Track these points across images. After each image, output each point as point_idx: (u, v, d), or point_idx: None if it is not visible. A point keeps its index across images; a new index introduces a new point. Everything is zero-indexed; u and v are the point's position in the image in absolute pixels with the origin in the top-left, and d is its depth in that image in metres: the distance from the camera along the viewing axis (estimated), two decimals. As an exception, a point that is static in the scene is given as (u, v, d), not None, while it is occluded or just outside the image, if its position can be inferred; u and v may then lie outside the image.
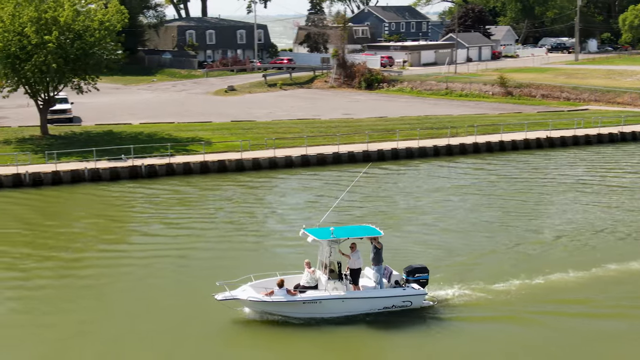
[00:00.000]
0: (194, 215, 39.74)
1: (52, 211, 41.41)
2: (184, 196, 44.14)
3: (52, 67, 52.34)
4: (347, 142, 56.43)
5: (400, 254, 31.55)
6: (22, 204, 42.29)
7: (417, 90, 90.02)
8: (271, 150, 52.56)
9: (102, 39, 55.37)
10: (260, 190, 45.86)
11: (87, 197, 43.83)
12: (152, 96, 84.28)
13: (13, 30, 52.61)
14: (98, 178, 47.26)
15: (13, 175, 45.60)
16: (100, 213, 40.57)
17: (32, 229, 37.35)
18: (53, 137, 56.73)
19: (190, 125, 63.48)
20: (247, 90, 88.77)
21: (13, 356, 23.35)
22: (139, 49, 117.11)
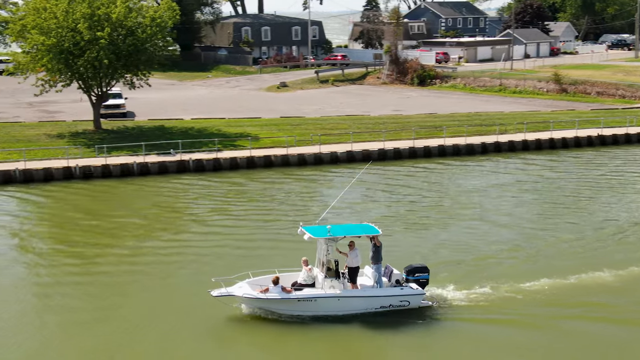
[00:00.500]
0: (240, 208, 40.33)
1: (98, 203, 42.40)
2: (231, 189, 44.83)
3: (104, 63, 53.53)
4: (393, 138, 56.45)
5: (413, 252, 31.79)
6: (72, 196, 43.48)
7: (470, 86, 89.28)
8: (317, 146, 52.91)
9: (153, 35, 56.40)
10: (307, 184, 46.22)
11: (133, 190, 44.83)
12: (206, 92, 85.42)
13: (67, 27, 53.95)
14: (147, 172, 48.23)
15: (64, 168, 46.85)
16: (143, 206, 41.47)
17: (77, 219, 38.46)
18: (106, 131, 58.05)
19: (240, 121, 64.22)
20: (299, 87, 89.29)
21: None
22: (195, 46, 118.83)
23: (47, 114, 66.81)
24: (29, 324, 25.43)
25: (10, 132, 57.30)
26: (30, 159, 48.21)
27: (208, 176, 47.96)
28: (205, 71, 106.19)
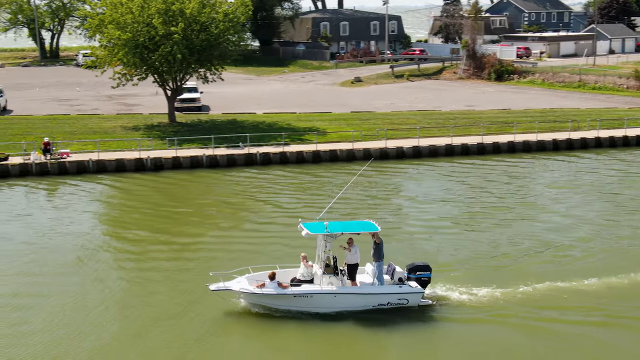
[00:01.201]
0: (304, 200, 40.96)
1: (169, 193, 43.67)
2: (294, 183, 45.48)
3: (177, 58, 54.89)
4: (462, 134, 56.11)
5: (434, 250, 32.03)
6: (143, 186, 44.94)
7: (549, 82, 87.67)
8: (383, 141, 53.08)
9: (225, 30, 57.53)
10: (369, 180, 46.47)
11: (200, 182, 45.97)
12: (281, 87, 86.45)
13: (142, 22, 55.54)
14: (215, 164, 49.33)
15: (136, 160, 48.35)
16: (208, 196, 42.59)
17: (148, 209, 39.81)
18: (179, 124, 59.55)
19: (310, 115, 64.86)
20: (373, 82, 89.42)
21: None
22: (274, 41, 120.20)
23: (125, 107, 68.91)
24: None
25: (88, 124, 59.41)
26: (103, 150, 49.97)
27: (274, 169, 48.75)
28: (283, 66, 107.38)
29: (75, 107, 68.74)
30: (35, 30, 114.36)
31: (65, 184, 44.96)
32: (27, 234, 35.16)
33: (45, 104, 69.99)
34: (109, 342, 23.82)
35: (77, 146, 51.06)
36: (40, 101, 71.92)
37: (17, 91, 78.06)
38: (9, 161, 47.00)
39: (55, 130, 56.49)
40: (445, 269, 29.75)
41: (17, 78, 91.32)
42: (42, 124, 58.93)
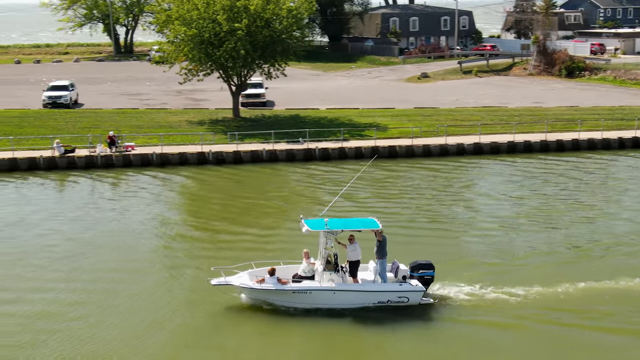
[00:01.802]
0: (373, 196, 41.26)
1: (227, 186, 44.54)
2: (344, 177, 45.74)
3: (241, 54, 55.72)
4: (525, 131, 55.44)
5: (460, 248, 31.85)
6: (205, 179, 45.92)
7: (620, 79, 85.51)
8: (443, 137, 52.85)
9: (289, 26, 58.11)
10: (436, 176, 46.40)
11: (257, 175, 46.66)
12: (347, 83, 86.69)
13: (207, 18, 56.60)
14: (275, 159, 49.97)
15: (198, 154, 49.37)
16: (271, 189, 43.27)
17: (211, 199, 40.71)
18: (243, 119, 60.45)
19: (373, 111, 64.95)
20: (440, 77, 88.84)
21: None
22: (343, 37, 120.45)
23: (192, 102, 70.25)
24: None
25: (155, 118, 60.86)
26: (168, 143, 51.16)
27: (332, 164, 49.06)
28: (351, 62, 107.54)
29: (145, 101, 70.43)
30: (110, 26, 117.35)
31: (128, 176, 46.22)
32: (90, 223, 36.37)
33: (116, 98, 71.89)
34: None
35: (142, 139, 52.37)
36: (110, 95, 73.90)
37: (90, 85, 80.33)
38: (76, 153, 48.54)
39: (123, 123, 58.09)
40: (491, 267, 29.68)
41: (90, 72, 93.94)
42: (111, 118, 60.65)
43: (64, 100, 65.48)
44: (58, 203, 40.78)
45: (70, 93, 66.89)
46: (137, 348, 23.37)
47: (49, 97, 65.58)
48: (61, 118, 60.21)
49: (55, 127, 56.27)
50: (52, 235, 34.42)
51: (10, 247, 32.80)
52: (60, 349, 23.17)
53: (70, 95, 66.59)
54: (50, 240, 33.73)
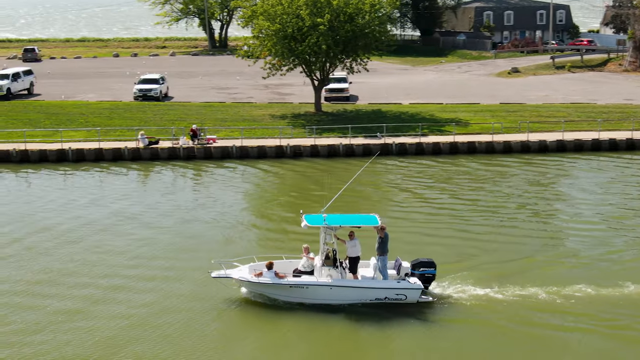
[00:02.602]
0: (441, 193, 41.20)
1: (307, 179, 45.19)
2: (426, 172, 45.66)
3: (322, 48, 56.19)
4: (612, 128, 53.92)
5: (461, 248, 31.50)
6: (280, 171, 46.72)
7: None
8: (525, 134, 51.97)
9: (371, 21, 58.21)
10: (501, 171, 45.80)
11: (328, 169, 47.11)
12: (434, 77, 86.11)
13: (291, 13, 57.33)
14: (351, 153, 50.28)
15: (276, 147, 50.18)
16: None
17: (289, 191, 41.43)
18: (325, 113, 60.97)
19: (456, 106, 64.39)
20: (531, 72, 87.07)
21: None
22: (435, 31, 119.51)
23: (278, 96, 71.25)
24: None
25: (239, 111, 62.10)
26: (248, 137, 52.19)
27: (408, 159, 49.02)
28: (442, 56, 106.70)
29: (232, 95, 71.87)
30: (205, 21, 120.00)
31: (208, 168, 47.41)
32: (176, 211, 37.70)
33: (205, 92, 73.63)
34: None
35: (224, 133, 53.58)
36: (201, 89, 75.72)
37: (182, 79, 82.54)
38: (159, 145, 50.10)
39: (208, 117, 59.52)
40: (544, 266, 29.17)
41: (184, 66, 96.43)
42: (197, 111, 62.22)
43: (154, 93, 67.54)
44: (141, 192, 42.30)
45: (161, 86, 68.91)
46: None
47: (139, 90, 67.78)
48: (150, 110, 62.17)
49: (142, 120, 58.19)
50: (129, 221, 35.77)
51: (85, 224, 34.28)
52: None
53: (160, 89, 68.60)
54: (128, 226, 35.12)
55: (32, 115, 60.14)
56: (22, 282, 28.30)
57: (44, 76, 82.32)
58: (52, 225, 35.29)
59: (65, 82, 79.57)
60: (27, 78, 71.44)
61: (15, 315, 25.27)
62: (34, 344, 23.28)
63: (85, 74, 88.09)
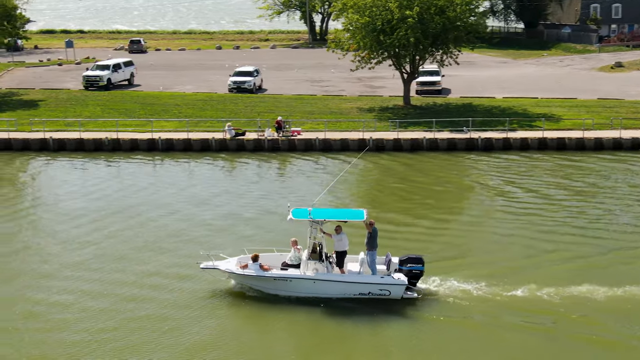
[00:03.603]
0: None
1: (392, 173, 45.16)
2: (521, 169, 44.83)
3: (410, 41, 55.77)
4: None
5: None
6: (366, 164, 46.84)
7: None
8: (618, 131, 50.18)
9: (462, 14, 57.35)
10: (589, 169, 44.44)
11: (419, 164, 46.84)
12: (533, 71, 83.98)
13: (380, 5, 57.14)
14: (435, 147, 49.81)
15: (359, 140, 50.24)
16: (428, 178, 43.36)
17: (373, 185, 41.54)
18: (413, 107, 60.53)
19: (551, 101, 62.68)
20: (635, 67, 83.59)
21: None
22: (540, 23, 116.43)
23: (369, 89, 71.16)
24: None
25: (328, 104, 62.42)
26: (333, 130, 52.48)
27: (493, 155, 48.23)
28: (545, 49, 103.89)
29: (324, 88, 72.24)
30: (306, 14, 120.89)
31: (290, 159, 48.02)
32: (261, 202, 38.69)
33: (298, 84, 74.28)
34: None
35: (310, 125, 54.04)
36: (294, 81, 76.44)
37: (278, 71, 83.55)
38: (245, 136, 51.00)
39: (297, 109, 60.13)
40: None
41: (283, 59, 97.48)
42: (287, 103, 62.93)
43: (248, 86, 68.66)
44: (226, 182, 43.31)
45: (254, 79, 69.96)
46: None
47: (233, 82, 69.05)
48: (241, 102, 63.31)
49: (233, 111, 59.34)
50: (211, 210, 36.77)
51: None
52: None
53: (254, 81, 69.64)
54: (208, 213, 36.18)
55: (129, 105, 62.27)
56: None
57: (146, 67, 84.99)
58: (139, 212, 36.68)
59: (166, 74, 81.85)
60: (128, 69, 73.88)
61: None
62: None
63: (186, 65, 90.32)
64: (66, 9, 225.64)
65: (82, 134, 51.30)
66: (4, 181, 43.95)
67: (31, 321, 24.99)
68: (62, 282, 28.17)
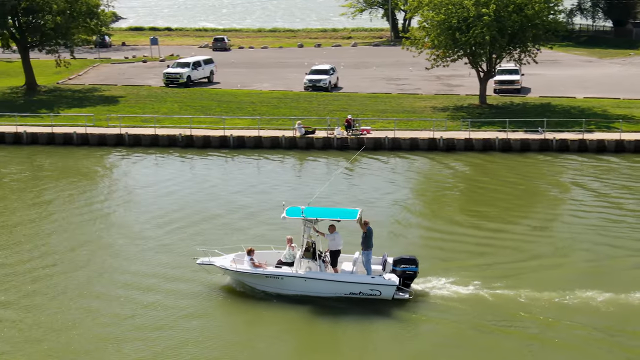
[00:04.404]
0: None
1: (438, 174, 44.59)
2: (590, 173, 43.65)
3: (486, 39, 54.82)
4: None
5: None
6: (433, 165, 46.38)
7: None
8: (699, 133, 48.31)
9: (540, 12, 56.03)
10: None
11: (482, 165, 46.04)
12: (617, 70, 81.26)
13: (456, 3, 56.38)
14: (508, 148, 48.86)
15: (429, 139, 49.74)
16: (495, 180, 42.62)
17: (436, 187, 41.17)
18: (488, 106, 59.48)
19: (632, 102, 60.49)
20: None
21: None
22: (629, 21, 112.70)
23: (446, 87, 70.28)
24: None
25: (402, 103, 61.96)
26: (404, 128, 52.14)
27: (567, 156, 47.05)
28: (634, 48, 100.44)
29: (400, 86, 71.72)
30: (389, 11, 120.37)
31: (358, 158, 47.86)
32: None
33: (375, 82, 73.98)
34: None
35: (381, 124, 53.81)
36: (371, 79, 76.17)
37: (356, 69, 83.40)
38: (315, 134, 51.15)
39: (370, 108, 59.94)
40: None
41: (362, 57, 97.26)
42: (360, 102, 62.80)
43: (323, 84, 68.76)
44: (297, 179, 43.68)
45: (330, 77, 70.01)
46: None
47: (309, 80, 69.28)
48: (315, 101, 63.47)
49: (307, 109, 59.58)
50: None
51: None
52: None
53: (330, 79, 69.69)
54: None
55: (206, 102, 63.28)
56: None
57: (227, 65, 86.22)
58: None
59: (246, 72, 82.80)
60: (208, 67, 75.06)
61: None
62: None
63: (266, 63, 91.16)
64: (158, 7, 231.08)
65: (156, 130, 52.43)
66: (81, 174, 45.48)
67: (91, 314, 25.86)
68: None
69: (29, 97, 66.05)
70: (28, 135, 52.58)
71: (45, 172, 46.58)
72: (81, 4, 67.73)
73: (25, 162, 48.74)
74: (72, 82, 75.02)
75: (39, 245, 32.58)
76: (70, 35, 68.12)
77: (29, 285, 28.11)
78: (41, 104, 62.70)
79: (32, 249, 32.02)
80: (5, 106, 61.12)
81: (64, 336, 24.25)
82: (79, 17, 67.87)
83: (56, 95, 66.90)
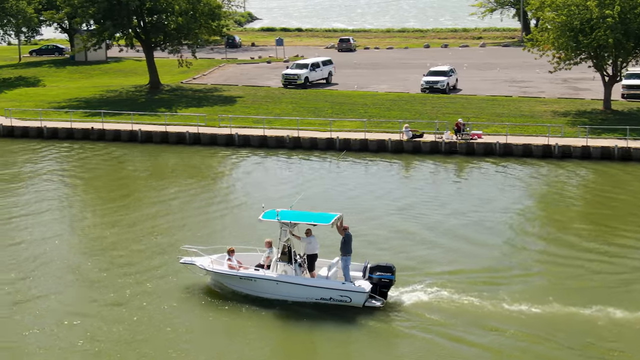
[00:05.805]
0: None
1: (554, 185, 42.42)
2: None
3: (608, 42, 51.87)
4: None
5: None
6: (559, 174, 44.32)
7: None
8: None
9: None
10: None
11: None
12: None
13: (579, 4, 53.64)
14: (628, 157, 46.02)
15: (543, 146, 47.50)
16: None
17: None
18: (613, 112, 56.26)
19: None
20: None
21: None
22: None
23: (572, 91, 67.07)
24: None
25: (521, 106, 59.53)
26: (517, 134, 50.15)
27: None
28: None
29: (523, 89, 69.10)
30: (520, 10, 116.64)
31: (467, 165, 46.40)
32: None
33: (496, 85, 71.61)
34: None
35: (494, 128, 51.96)
36: (492, 81, 73.81)
37: (479, 71, 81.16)
38: (423, 138, 49.91)
39: (486, 111, 58.04)
40: None
41: (488, 58, 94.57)
42: (477, 105, 60.89)
43: (440, 86, 67.14)
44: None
45: (448, 79, 68.32)
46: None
47: (426, 82, 67.81)
48: (429, 103, 62.06)
49: (419, 112, 58.34)
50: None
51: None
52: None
53: (448, 81, 68.00)
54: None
55: (320, 104, 63.13)
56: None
57: (350, 66, 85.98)
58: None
59: (366, 72, 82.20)
60: (326, 68, 75.00)
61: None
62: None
63: (388, 64, 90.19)
64: (294, 7, 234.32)
65: (265, 131, 52.68)
66: (194, 169, 47.05)
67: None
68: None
69: (151, 96, 68.14)
70: (143, 134, 54.09)
71: (171, 170, 47.78)
72: (203, 5, 69.18)
73: (147, 160, 50.28)
74: (196, 81, 76.85)
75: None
76: (193, 35, 69.73)
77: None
78: (161, 103, 64.52)
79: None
80: (127, 104, 63.26)
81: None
82: (200, 18, 69.36)
83: (177, 95, 68.70)
